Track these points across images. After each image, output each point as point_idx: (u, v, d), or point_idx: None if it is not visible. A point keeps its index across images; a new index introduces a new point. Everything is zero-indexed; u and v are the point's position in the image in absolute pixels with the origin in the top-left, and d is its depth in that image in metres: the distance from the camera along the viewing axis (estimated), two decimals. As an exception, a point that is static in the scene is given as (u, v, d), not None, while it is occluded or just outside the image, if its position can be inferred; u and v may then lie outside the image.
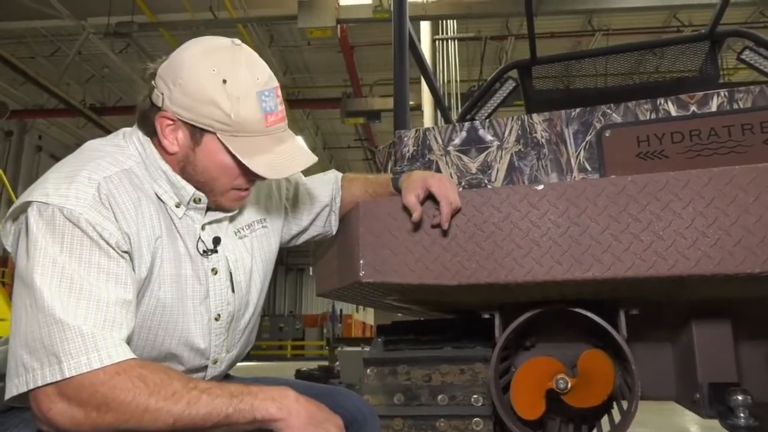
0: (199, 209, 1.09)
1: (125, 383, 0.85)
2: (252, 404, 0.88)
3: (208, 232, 1.11)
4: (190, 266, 1.07)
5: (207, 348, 1.09)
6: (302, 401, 0.92)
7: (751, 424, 1.35)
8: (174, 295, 1.04)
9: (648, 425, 4.27)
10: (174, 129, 1.03)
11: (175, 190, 1.06)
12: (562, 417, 1.79)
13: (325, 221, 1.39)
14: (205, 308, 1.08)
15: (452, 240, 1.23)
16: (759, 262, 1.04)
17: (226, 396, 0.88)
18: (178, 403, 0.85)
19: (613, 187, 1.14)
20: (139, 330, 1.01)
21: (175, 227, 1.07)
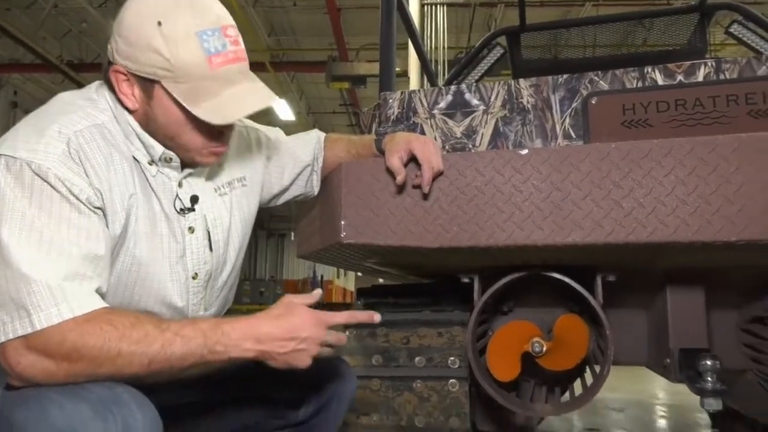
0: (174, 167, 1.07)
1: (94, 329, 0.84)
2: (226, 345, 0.89)
3: (185, 189, 1.09)
4: (166, 224, 1.05)
5: (185, 306, 1.08)
6: (274, 328, 0.93)
7: (718, 388, 1.40)
8: (150, 254, 1.03)
9: (619, 391, 4.40)
10: (129, 84, 1.00)
11: (146, 148, 1.04)
12: (536, 380, 1.82)
13: (307, 181, 1.37)
14: (182, 267, 1.07)
15: (434, 203, 1.23)
16: (736, 230, 1.06)
17: (199, 338, 0.88)
18: (152, 346, 0.85)
19: (597, 153, 1.14)
20: (114, 288, 1.00)
21: (150, 185, 1.04)
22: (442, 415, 1.75)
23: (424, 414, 1.76)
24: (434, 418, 1.75)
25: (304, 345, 0.94)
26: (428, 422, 1.75)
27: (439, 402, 1.76)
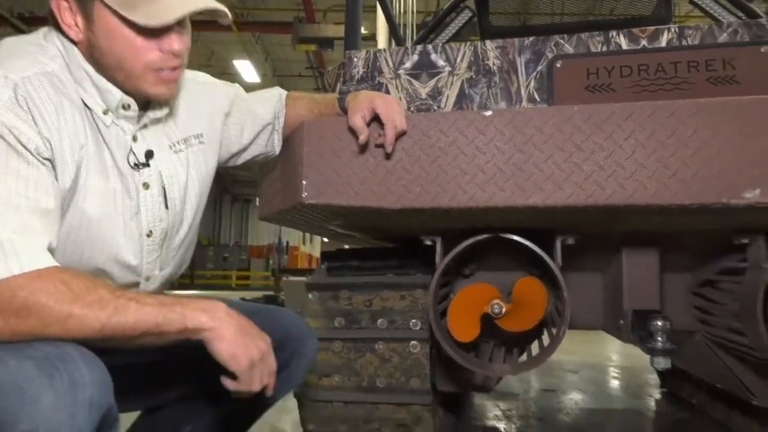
0: (130, 117, 1.03)
1: (47, 287, 0.81)
2: (182, 313, 0.86)
3: (140, 144, 1.05)
4: (119, 179, 1.01)
5: (139, 265, 1.05)
6: (233, 314, 0.91)
7: (667, 348, 1.45)
8: (101, 210, 0.99)
9: (574, 354, 4.56)
10: (71, 12, 0.95)
11: (101, 94, 0.99)
12: (495, 341, 1.86)
13: (268, 140, 1.34)
14: (136, 224, 1.04)
15: (397, 163, 1.21)
16: (691, 194, 1.08)
17: (155, 305, 0.86)
18: (105, 310, 0.82)
19: (560, 115, 1.14)
20: (64, 244, 0.96)
21: (103, 137, 1.00)
22: (403, 375, 1.78)
23: (385, 375, 1.79)
24: (395, 378, 1.78)
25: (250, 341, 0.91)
26: (389, 383, 1.78)
27: (400, 363, 1.78)
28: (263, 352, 0.93)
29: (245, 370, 0.91)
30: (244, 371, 0.91)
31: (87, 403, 0.76)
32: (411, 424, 1.80)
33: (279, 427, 2.43)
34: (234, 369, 0.90)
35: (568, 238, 1.42)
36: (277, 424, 2.46)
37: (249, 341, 0.91)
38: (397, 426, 1.81)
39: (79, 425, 0.75)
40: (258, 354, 0.92)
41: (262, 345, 0.93)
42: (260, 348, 0.93)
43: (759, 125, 1.06)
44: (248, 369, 0.91)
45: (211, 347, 0.89)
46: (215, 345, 0.89)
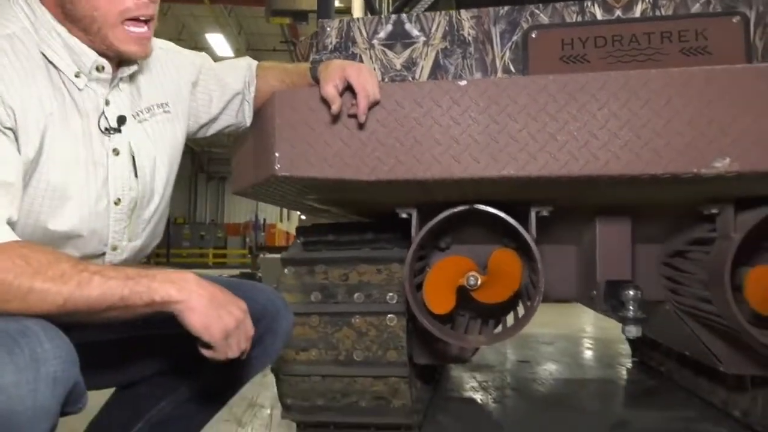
0: (103, 80, 1.00)
1: (5, 262, 0.78)
2: (149, 286, 0.84)
3: (112, 109, 1.03)
4: (89, 144, 0.99)
5: (105, 233, 1.02)
6: (204, 284, 0.89)
7: (638, 316, 1.48)
8: (67, 177, 0.96)
9: (549, 326, 4.64)
10: None
11: (74, 56, 0.96)
12: (471, 313, 1.88)
13: (238, 111, 1.31)
14: (104, 191, 1.01)
15: (371, 134, 1.20)
16: (663, 163, 1.09)
17: (120, 278, 0.83)
18: (67, 284, 0.80)
19: (535, 85, 1.13)
20: (27, 213, 0.93)
21: (74, 101, 0.97)
22: (380, 349, 1.79)
23: (362, 348, 1.79)
24: (372, 352, 1.79)
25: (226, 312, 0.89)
26: (366, 356, 1.79)
27: (377, 336, 1.79)
28: (238, 319, 0.91)
29: (220, 341, 0.89)
30: (219, 342, 0.89)
31: (50, 378, 0.74)
32: (388, 396, 1.82)
33: (258, 402, 2.43)
34: (208, 340, 0.88)
35: (542, 210, 1.43)
36: (256, 399, 2.47)
37: (222, 311, 0.89)
38: (375, 398, 1.83)
39: (42, 401, 0.73)
40: (233, 322, 0.90)
41: (237, 312, 0.91)
42: (235, 315, 0.90)
43: (729, 95, 1.07)
44: (223, 339, 0.89)
45: (183, 319, 0.87)
46: (186, 317, 0.87)
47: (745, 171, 1.06)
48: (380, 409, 1.83)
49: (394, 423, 1.89)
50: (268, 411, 2.31)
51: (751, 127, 1.06)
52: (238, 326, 0.91)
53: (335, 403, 1.85)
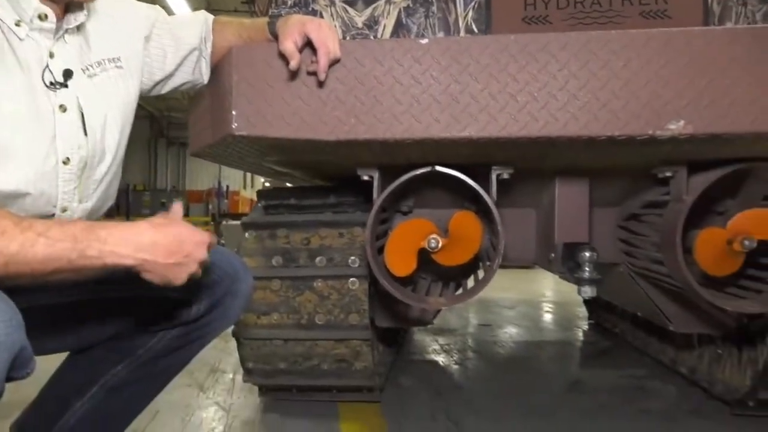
0: (46, 30, 0.94)
1: None
2: (100, 250, 0.81)
3: (57, 62, 0.97)
4: (32, 99, 0.93)
5: (53, 193, 0.98)
6: (159, 238, 0.86)
7: (594, 277, 1.52)
8: (10, 133, 0.91)
9: (512, 291, 4.74)
10: None
11: (13, 3, 0.90)
12: (433, 276, 1.90)
13: (194, 67, 1.26)
14: (51, 149, 0.96)
15: (331, 93, 1.17)
16: (620, 125, 1.10)
17: (68, 240, 0.80)
18: (9, 246, 0.76)
19: (496, 44, 1.12)
20: None
21: (14, 52, 0.92)
22: (342, 312, 1.79)
23: (324, 312, 1.80)
24: (334, 315, 1.79)
25: (186, 260, 0.88)
26: (328, 319, 1.79)
27: (339, 300, 1.80)
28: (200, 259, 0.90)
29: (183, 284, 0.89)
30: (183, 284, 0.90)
31: None
32: (350, 359, 1.84)
33: (220, 367, 2.43)
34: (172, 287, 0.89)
35: (503, 173, 1.43)
36: (219, 365, 2.46)
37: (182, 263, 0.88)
38: (337, 361, 1.84)
39: None
40: (196, 266, 0.90)
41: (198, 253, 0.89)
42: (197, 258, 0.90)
43: (685, 57, 1.08)
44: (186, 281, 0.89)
45: (142, 275, 0.86)
46: (145, 275, 0.86)
47: (698, 133, 1.08)
48: (342, 371, 1.85)
49: (356, 385, 1.91)
50: (231, 376, 2.31)
51: (704, 90, 1.07)
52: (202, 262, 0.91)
53: (297, 366, 1.85)
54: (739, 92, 1.06)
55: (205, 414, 1.89)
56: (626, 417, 1.87)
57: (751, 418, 1.81)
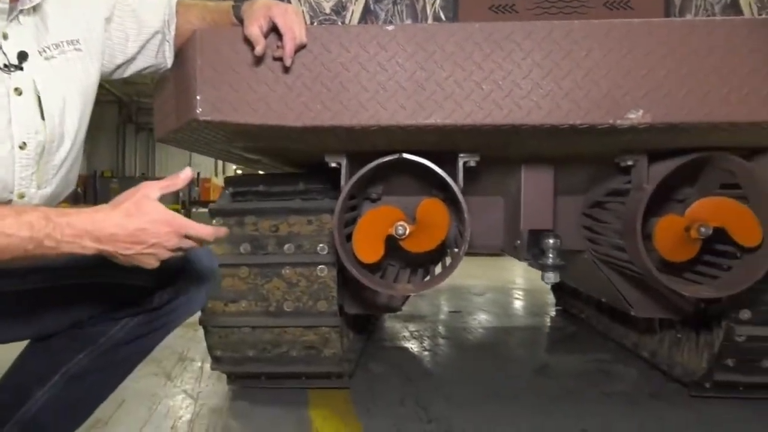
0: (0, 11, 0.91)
1: None
2: (58, 241, 0.80)
3: (11, 43, 0.94)
4: None
5: (10, 180, 0.96)
6: (119, 228, 0.85)
7: (557, 263, 1.55)
8: None
9: (482, 278, 4.80)
10: None
11: None
12: (401, 263, 1.91)
13: (158, 51, 1.23)
14: (7, 134, 0.94)
15: (297, 79, 1.17)
16: (581, 114, 1.12)
17: (24, 230, 0.78)
18: None
19: (462, 32, 1.13)
20: None
21: None
22: (311, 299, 1.79)
23: (292, 299, 1.80)
24: (303, 302, 1.79)
25: (152, 250, 0.87)
26: (297, 306, 1.79)
27: (307, 287, 1.80)
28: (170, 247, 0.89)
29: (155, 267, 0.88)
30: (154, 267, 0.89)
31: None
32: (319, 345, 1.84)
33: (188, 356, 2.41)
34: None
35: (470, 160, 1.45)
36: (186, 353, 2.44)
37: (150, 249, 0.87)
38: (306, 348, 1.85)
39: None
40: (165, 251, 0.88)
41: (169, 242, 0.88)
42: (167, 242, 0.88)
43: (644, 48, 1.10)
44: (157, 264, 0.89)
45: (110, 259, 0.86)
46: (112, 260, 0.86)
47: (655, 123, 1.11)
48: (311, 358, 1.86)
49: (326, 372, 1.92)
50: (199, 364, 2.30)
51: (662, 81, 1.10)
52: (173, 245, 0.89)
53: (266, 353, 1.85)
54: (694, 83, 1.09)
55: (172, 402, 1.88)
56: (590, 400, 1.92)
57: (708, 399, 1.88)
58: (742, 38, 1.09)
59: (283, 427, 1.69)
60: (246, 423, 1.72)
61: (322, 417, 1.75)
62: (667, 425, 1.70)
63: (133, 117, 16.91)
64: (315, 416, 1.76)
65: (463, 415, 1.77)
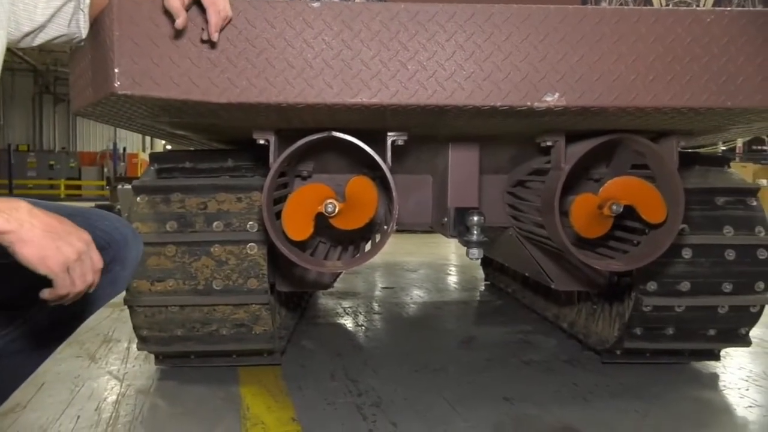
0: None
1: None
2: None
3: None
4: None
5: None
6: (38, 213, 0.83)
7: (481, 240, 1.61)
8: None
9: (416, 255, 4.90)
10: None
11: None
12: (331, 242, 1.93)
13: (70, 20, 1.17)
14: None
15: (221, 54, 1.14)
16: (501, 95, 1.16)
17: None
18: None
19: (387, 12, 1.14)
20: None
21: None
22: (241, 277, 1.78)
23: (222, 277, 1.78)
24: (232, 280, 1.78)
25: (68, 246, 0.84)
26: (226, 285, 1.78)
27: (237, 265, 1.78)
28: (80, 250, 0.86)
29: (60, 274, 0.84)
30: (59, 275, 0.84)
31: None
32: (250, 323, 1.84)
33: (113, 337, 2.35)
34: (45, 273, 0.83)
35: (397, 139, 1.47)
36: (112, 334, 2.38)
37: (60, 242, 0.84)
38: (236, 326, 1.84)
39: None
40: (73, 253, 0.85)
41: (78, 243, 0.86)
42: (76, 247, 0.85)
43: (560, 34, 1.15)
44: (63, 272, 0.84)
45: (15, 251, 0.81)
46: (19, 249, 0.81)
47: (570, 106, 1.17)
48: (242, 336, 1.85)
49: (256, 349, 1.93)
50: (125, 345, 2.25)
51: (577, 65, 1.16)
52: (80, 258, 0.86)
53: (195, 332, 1.83)
54: (605, 69, 1.15)
55: (96, 384, 1.83)
56: (511, 368, 2.03)
57: (619, 365, 2.02)
58: (648, 27, 1.16)
59: (212, 404, 1.69)
60: (173, 402, 1.71)
61: (252, 394, 1.76)
62: (580, 390, 1.83)
63: (51, 87, 15.86)
64: (245, 393, 1.77)
65: (391, 386, 1.83)
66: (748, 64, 1.20)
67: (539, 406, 1.68)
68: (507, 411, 1.65)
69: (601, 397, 1.76)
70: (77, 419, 1.56)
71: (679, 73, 1.18)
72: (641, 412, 1.65)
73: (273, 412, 1.62)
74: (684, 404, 1.73)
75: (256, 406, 1.67)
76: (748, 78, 1.20)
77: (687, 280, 1.78)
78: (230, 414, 1.61)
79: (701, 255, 1.78)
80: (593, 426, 1.55)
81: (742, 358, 2.18)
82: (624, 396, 1.78)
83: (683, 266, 1.78)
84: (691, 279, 1.78)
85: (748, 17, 1.19)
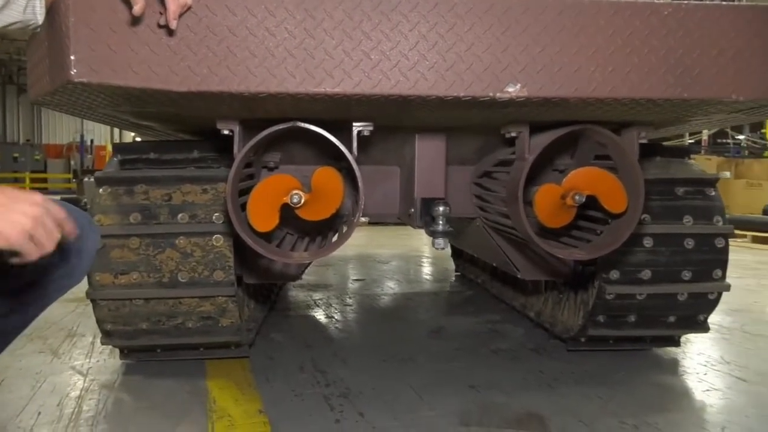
0: None
1: None
2: None
3: None
4: None
5: None
6: None
7: (446, 230, 1.63)
8: None
9: (388, 247, 4.91)
10: None
11: None
12: (298, 233, 1.92)
13: (26, 6, 1.14)
14: None
15: (181, 41, 1.12)
16: (464, 86, 1.17)
17: None
18: None
19: (351, 2, 1.13)
20: None
21: None
22: (207, 269, 1.77)
23: (187, 269, 1.76)
24: (198, 272, 1.76)
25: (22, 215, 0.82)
26: (192, 277, 1.76)
27: (203, 257, 1.76)
28: (35, 215, 0.84)
29: (23, 243, 0.83)
30: (23, 245, 0.83)
31: None
32: (216, 315, 1.82)
33: (78, 331, 2.30)
34: (6, 247, 0.82)
35: (363, 130, 1.47)
36: (76, 329, 2.33)
37: (12, 213, 0.82)
38: (202, 319, 1.82)
39: None
40: (29, 221, 0.84)
41: (31, 209, 0.84)
42: (30, 213, 0.84)
43: (522, 25, 1.16)
44: (25, 240, 0.83)
45: None
46: None
47: (532, 97, 1.18)
48: (208, 329, 1.84)
49: (224, 342, 1.91)
50: (90, 339, 2.21)
51: (538, 57, 1.17)
52: (38, 221, 0.85)
53: (160, 326, 1.81)
54: (566, 60, 1.17)
55: (58, 379, 1.80)
56: (479, 357, 2.05)
57: (583, 352, 2.06)
58: (608, 19, 1.17)
59: (178, 398, 1.67)
60: (138, 396, 1.68)
61: (219, 387, 1.75)
62: (546, 377, 1.86)
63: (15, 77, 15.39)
64: (212, 386, 1.76)
65: (359, 377, 1.83)
66: (704, 57, 1.23)
67: (505, 393, 1.71)
68: (474, 399, 1.67)
69: (566, 384, 1.80)
70: (38, 415, 1.53)
71: (637, 65, 1.20)
72: (605, 398, 1.69)
73: (240, 405, 1.61)
74: (646, 389, 1.77)
75: (223, 399, 1.66)
76: (704, 70, 1.23)
77: (648, 269, 1.82)
78: (196, 407, 1.60)
79: (661, 244, 1.82)
80: (558, 412, 1.58)
81: (701, 343, 2.24)
82: (588, 382, 1.81)
83: (644, 255, 1.82)
84: (652, 267, 1.82)
85: (704, 10, 1.22)
